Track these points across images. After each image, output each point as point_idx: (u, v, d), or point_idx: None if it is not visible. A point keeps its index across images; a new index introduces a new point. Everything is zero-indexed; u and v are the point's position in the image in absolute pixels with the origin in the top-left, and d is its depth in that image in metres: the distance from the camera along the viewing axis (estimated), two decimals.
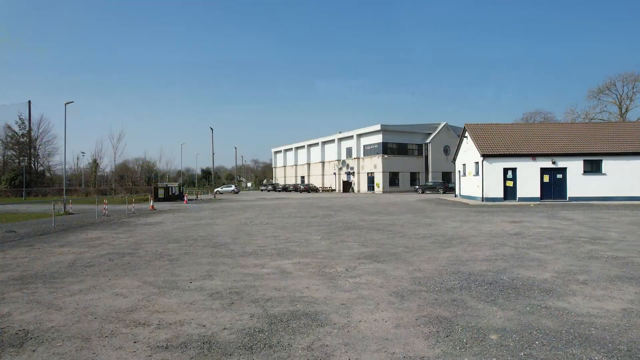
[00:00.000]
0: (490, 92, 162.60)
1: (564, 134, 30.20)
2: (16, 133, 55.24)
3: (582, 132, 30.73)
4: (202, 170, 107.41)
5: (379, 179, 56.38)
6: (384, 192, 54.65)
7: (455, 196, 36.48)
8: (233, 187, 64.27)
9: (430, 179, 57.04)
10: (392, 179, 56.95)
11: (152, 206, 28.14)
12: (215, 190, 58.18)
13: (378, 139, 56.57)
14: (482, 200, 28.38)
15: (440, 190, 48.00)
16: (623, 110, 52.17)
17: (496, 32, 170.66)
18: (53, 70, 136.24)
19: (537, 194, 28.01)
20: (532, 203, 26.74)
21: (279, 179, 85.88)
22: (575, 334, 4.70)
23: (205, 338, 4.72)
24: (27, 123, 55.23)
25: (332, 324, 5.13)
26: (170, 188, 40.37)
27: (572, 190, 27.93)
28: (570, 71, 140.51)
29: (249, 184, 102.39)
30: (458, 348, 4.35)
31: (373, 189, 57.38)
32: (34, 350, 4.42)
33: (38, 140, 57.12)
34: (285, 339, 4.67)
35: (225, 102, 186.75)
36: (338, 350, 4.34)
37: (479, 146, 28.69)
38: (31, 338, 4.79)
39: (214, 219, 20.14)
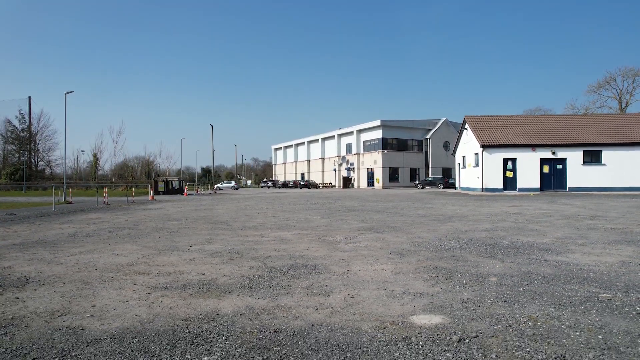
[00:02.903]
0: (491, 89, 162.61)
1: (563, 125, 30.21)
2: (16, 128, 55.35)
3: (581, 123, 30.74)
4: (202, 169, 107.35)
5: (378, 174, 56.36)
6: (383, 187, 54.65)
7: (455, 189, 36.51)
8: (233, 184, 64.22)
9: (430, 175, 57.02)
10: (392, 175, 56.94)
11: (152, 196, 28.15)
12: (216, 186, 58.18)
13: (378, 134, 56.55)
14: (482, 191, 28.39)
15: (440, 186, 47.97)
16: (623, 105, 52.20)
17: (497, 30, 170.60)
18: (54, 68, 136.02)
19: (537, 185, 28.01)
20: (531, 193, 26.75)
21: (279, 176, 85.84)
22: (574, 276, 4.73)
23: (205, 282, 4.74)
24: (27, 118, 55.28)
25: (331, 272, 5.15)
26: (170, 182, 40.38)
27: (571, 181, 27.94)
28: (570, 68, 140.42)
29: (249, 182, 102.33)
30: (458, 287, 4.38)
31: (373, 185, 57.37)
32: (35, 290, 4.44)
33: (38, 135, 57.22)
34: (285, 282, 4.69)
35: (226, 101, 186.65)
36: (337, 289, 4.36)
37: (478, 137, 28.70)
38: (32, 282, 4.81)
39: (214, 205, 20.16)
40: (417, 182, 51.79)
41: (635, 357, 2.53)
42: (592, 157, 28.04)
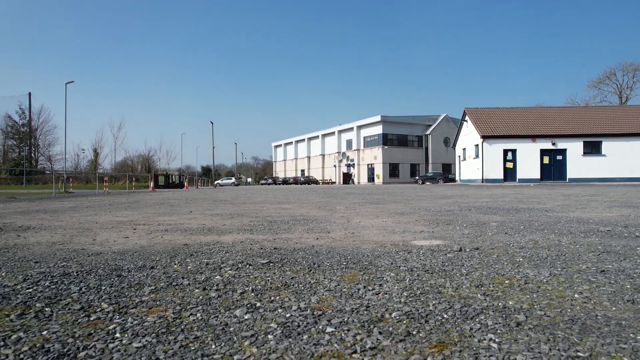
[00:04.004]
0: (491, 86, 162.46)
1: (563, 117, 30.20)
2: (16, 123, 55.33)
3: (582, 114, 30.74)
4: (202, 168, 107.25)
5: (379, 170, 56.35)
6: (384, 183, 54.63)
7: (455, 182, 36.52)
8: (233, 180, 64.16)
9: (430, 170, 57.01)
10: (392, 170, 56.89)
11: (152, 187, 28.16)
12: (216, 182, 58.18)
13: (378, 130, 56.52)
14: (482, 182, 28.39)
15: (440, 181, 47.87)
16: (623, 100, 52.17)
17: (497, 28, 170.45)
18: (54, 63, 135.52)
19: (537, 175, 28.01)
20: (531, 184, 26.74)
21: (279, 173, 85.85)
22: (574, 220, 4.74)
23: (205, 228, 4.75)
24: (27, 113, 55.30)
25: (331, 222, 5.17)
26: (170, 175, 40.41)
27: (572, 172, 27.93)
28: (570, 65, 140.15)
29: (249, 179, 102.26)
30: (458, 227, 4.39)
31: (373, 180, 57.36)
32: (36, 232, 4.45)
33: (38, 130, 57.20)
34: (285, 227, 4.70)
35: (226, 100, 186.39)
36: (337, 230, 4.37)
37: (478, 128, 28.70)
38: (34, 228, 4.82)
39: (215, 193, 20.20)
40: (417, 177, 51.75)
41: (633, 256, 2.54)
42: (592, 148, 28.03)
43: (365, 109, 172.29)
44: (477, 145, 29.74)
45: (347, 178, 62.02)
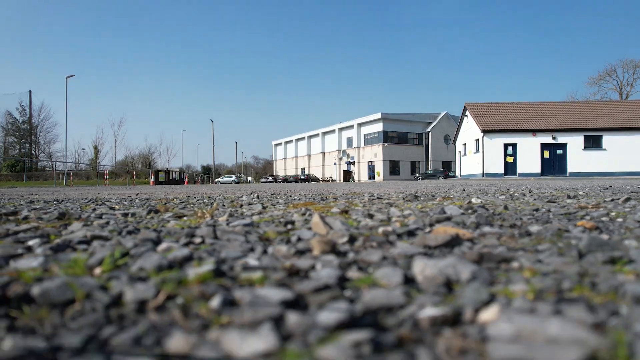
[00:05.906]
0: (491, 85, 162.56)
1: (564, 111, 30.23)
2: (17, 120, 55.32)
3: (582, 109, 30.78)
4: (203, 167, 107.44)
5: (379, 167, 56.38)
6: (384, 180, 54.66)
7: (456, 178, 36.56)
8: (234, 178, 64.24)
9: (430, 168, 57.05)
10: (393, 168, 56.92)
11: (153, 182, 28.20)
12: (216, 180, 58.25)
13: (378, 127, 56.55)
14: (483, 177, 28.41)
15: (441, 178, 47.96)
16: (624, 97, 52.20)
17: (497, 26, 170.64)
18: (54, 60, 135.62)
19: (538, 170, 28.03)
20: (532, 178, 26.76)
21: (280, 171, 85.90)
22: (576, 184, 4.75)
23: (207, 193, 4.77)
24: (27, 110, 55.35)
25: (332, 191, 5.18)
26: (171, 172, 40.46)
27: (572, 166, 27.95)
28: (571, 63, 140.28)
29: (249, 178, 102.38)
30: (459, 190, 4.40)
31: (373, 178, 57.39)
32: (39, 196, 4.47)
33: (39, 128, 57.20)
34: (287, 193, 4.72)
35: (226, 99, 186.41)
36: (338, 191, 4.39)
37: (479, 122, 28.74)
38: (35, 194, 4.85)
39: (216, 187, 20.29)
40: (417, 175, 51.81)
41: (633, 193, 2.55)
42: (593, 142, 28.06)
43: (365, 106, 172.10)
44: (477, 140, 29.78)
45: (348, 176, 62.03)
